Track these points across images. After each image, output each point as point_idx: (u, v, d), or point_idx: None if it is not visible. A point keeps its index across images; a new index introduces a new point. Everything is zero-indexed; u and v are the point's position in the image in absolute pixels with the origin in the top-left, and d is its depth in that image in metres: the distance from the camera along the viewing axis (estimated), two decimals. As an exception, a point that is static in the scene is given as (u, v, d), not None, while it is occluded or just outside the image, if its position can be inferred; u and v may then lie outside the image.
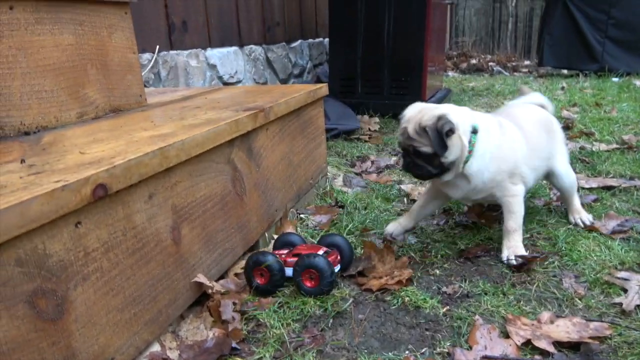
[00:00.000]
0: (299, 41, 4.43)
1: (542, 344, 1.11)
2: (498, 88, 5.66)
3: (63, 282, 0.88)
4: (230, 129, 1.41)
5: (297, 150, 1.94)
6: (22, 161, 1.05)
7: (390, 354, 1.13)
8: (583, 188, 2.11)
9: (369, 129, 3.58)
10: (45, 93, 1.43)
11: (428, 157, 1.49)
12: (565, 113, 3.81)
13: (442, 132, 1.43)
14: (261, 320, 1.28)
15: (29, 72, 1.38)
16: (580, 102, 4.31)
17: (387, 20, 3.77)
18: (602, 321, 1.20)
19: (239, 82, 3.40)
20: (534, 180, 1.69)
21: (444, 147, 1.45)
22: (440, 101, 4.08)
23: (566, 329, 1.17)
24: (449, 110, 1.51)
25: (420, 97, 3.79)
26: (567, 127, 3.32)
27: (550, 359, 1.08)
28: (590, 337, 1.13)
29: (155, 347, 1.16)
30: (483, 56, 8.78)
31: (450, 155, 1.47)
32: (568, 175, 1.76)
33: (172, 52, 2.77)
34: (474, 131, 1.51)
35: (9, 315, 0.79)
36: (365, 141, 3.24)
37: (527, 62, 8.56)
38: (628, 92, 4.68)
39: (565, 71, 6.64)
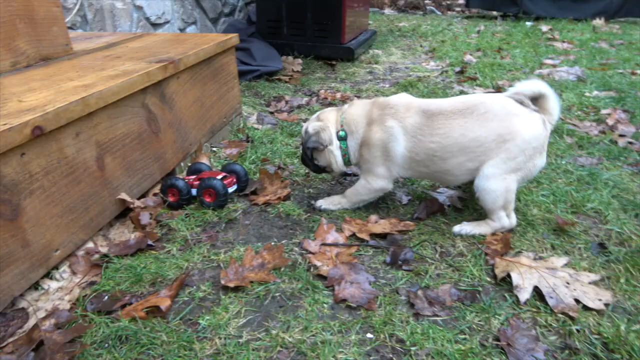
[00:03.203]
0: (230, -21, 4.56)
1: (363, 235, 1.64)
2: (423, 29, 6.05)
3: (15, 195, 1.28)
4: (143, 79, 1.76)
5: (209, 93, 2.30)
6: (-27, 108, 1.38)
7: (259, 243, 1.63)
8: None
9: (292, 70, 3.93)
10: (-19, 46, 1.71)
11: (307, 156, 1.81)
12: (467, 57, 4.30)
13: (304, 145, 1.77)
14: (172, 226, 1.73)
15: (-35, 28, 1.65)
16: (486, 46, 4.79)
17: (311, -37, 3.98)
18: (410, 220, 1.75)
19: (167, 22, 3.60)
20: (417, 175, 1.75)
21: (310, 159, 1.79)
22: (361, 44, 4.44)
23: (384, 226, 1.70)
24: (326, 122, 1.75)
25: (340, 40, 4.14)
26: (461, 71, 3.83)
27: (366, 244, 1.61)
28: (398, 231, 1.67)
29: (90, 245, 1.59)
30: (420, -7, 8.98)
31: (320, 162, 1.80)
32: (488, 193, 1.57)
33: (97, -6, 2.93)
34: (343, 138, 1.75)
35: (-20, 215, 1.18)
36: (286, 82, 3.61)
37: (460, 1, 8.89)
38: (532, 37, 5.20)
39: (495, 13, 7.08)
